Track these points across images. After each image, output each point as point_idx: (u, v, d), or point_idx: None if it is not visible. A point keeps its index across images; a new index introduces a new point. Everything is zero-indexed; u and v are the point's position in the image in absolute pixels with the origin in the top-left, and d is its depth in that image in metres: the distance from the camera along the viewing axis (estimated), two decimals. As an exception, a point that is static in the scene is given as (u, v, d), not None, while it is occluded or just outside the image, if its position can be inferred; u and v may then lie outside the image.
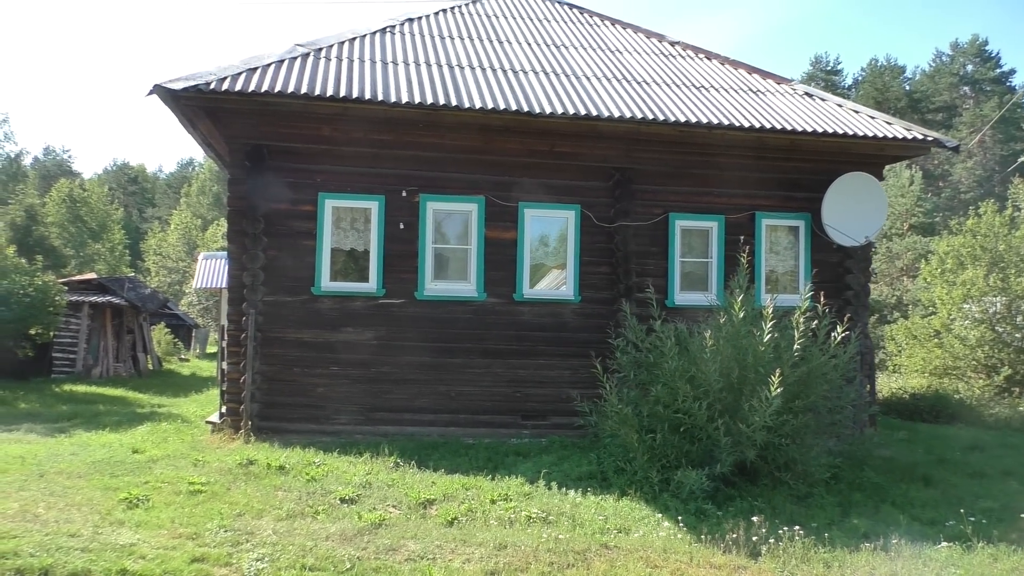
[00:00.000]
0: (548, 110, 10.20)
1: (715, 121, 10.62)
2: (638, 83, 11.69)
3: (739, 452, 7.74)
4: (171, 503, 7.16)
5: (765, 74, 12.98)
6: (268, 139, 10.29)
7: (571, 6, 15.12)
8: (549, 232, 11.22)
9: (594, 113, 10.30)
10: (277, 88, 9.65)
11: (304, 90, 9.70)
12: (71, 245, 40.03)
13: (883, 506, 7.79)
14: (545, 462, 8.95)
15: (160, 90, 9.41)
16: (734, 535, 6.33)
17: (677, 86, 11.81)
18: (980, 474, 9.81)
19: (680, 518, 6.92)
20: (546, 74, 11.49)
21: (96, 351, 19.29)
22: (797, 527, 6.47)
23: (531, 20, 13.99)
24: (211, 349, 41.05)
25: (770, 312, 7.89)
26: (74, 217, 42.68)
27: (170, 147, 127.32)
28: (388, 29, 12.39)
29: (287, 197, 10.42)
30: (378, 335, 10.59)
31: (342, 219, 10.65)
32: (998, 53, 54.34)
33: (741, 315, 8.05)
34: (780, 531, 6.42)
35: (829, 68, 59.67)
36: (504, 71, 11.37)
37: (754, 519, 6.52)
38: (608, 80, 11.62)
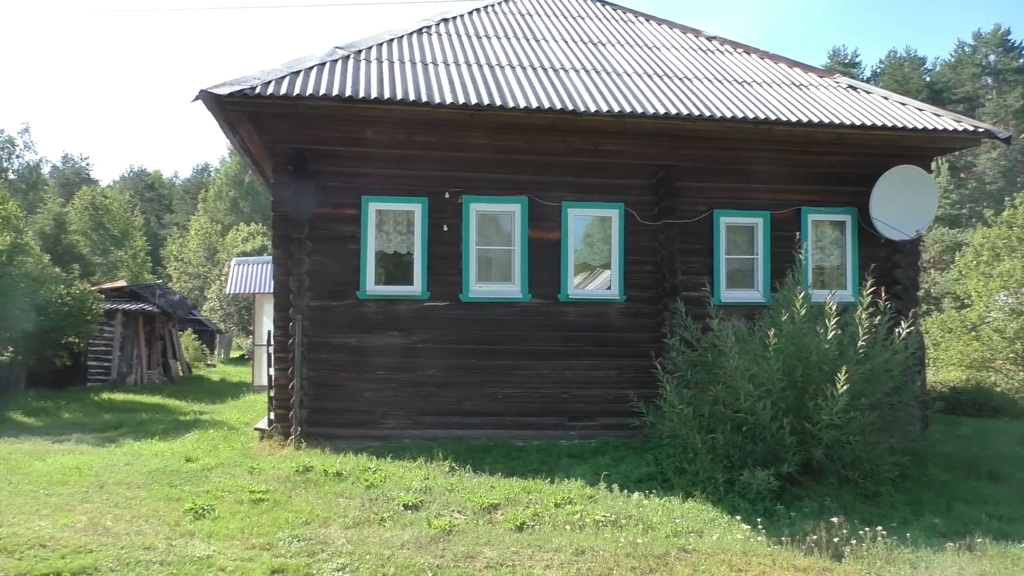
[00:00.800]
0: (592, 108, 10.08)
1: (760, 116, 10.47)
2: (679, 79, 11.56)
3: (805, 451, 7.61)
4: (236, 512, 7.11)
5: (807, 68, 12.82)
6: (310, 143, 10.24)
7: (604, 2, 15.00)
8: (593, 231, 11.10)
9: (639, 110, 10.18)
10: (321, 91, 9.59)
11: (348, 92, 9.63)
12: (96, 253, 40.24)
13: (956, 504, 7.64)
14: (602, 464, 8.85)
15: (206, 95, 9.37)
16: (814, 536, 6.20)
17: (719, 81, 11.67)
18: (1042, 469, 9.63)
19: (757, 520, 6.79)
20: (587, 71, 11.38)
21: (130, 359, 19.35)
22: (879, 527, 6.33)
23: (566, 18, 13.88)
24: (235, 354, 41.23)
25: (833, 309, 7.75)
26: (96, 224, 42.92)
27: (186, 152, 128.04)
28: (424, 30, 12.32)
29: (330, 201, 10.36)
30: (423, 338, 10.51)
31: (385, 222, 10.59)
32: (1021, 43, 53.73)
33: (803, 312, 7.91)
34: (861, 532, 6.29)
35: (847, 60, 59.19)
36: (544, 69, 11.27)
37: (834, 520, 6.38)
38: (649, 77, 11.49)
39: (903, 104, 11.68)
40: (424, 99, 9.75)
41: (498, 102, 9.90)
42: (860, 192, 11.40)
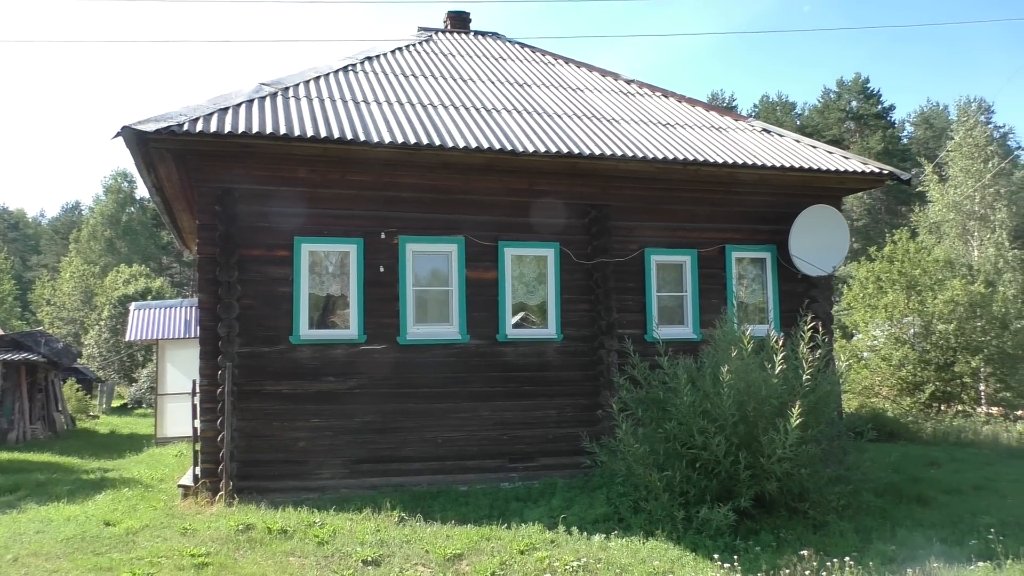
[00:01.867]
0: (530, 148, 10.15)
1: (690, 158, 10.83)
2: (607, 120, 11.83)
3: (758, 485, 7.77)
4: (180, 580, 6.57)
5: (722, 111, 13.40)
6: (240, 182, 9.81)
7: (522, 45, 15.25)
8: (527, 271, 11.11)
9: (575, 151, 10.32)
10: (254, 129, 9.23)
11: (283, 131, 9.32)
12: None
13: (898, 530, 7.95)
14: (555, 506, 8.74)
15: (129, 132, 8.84)
16: (786, 571, 6.29)
17: (645, 123, 12.01)
18: (956, 491, 10.20)
19: (729, 556, 6.83)
20: (518, 112, 11.47)
21: (10, 413, 17.77)
22: (844, 557, 6.50)
23: (488, 59, 13.99)
24: (115, 403, 38.66)
25: (780, 344, 8.01)
26: (-44, 268, 39.57)
27: (52, 190, 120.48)
28: (351, 67, 12.13)
29: (261, 242, 9.92)
30: (360, 383, 10.16)
31: (319, 263, 10.24)
32: (879, 91, 58.33)
33: (749, 348, 8.13)
34: (828, 563, 6.43)
35: (725, 104, 62.46)
36: (477, 109, 11.28)
37: (803, 552, 6.51)
38: (579, 118, 11.70)
39: (814, 147, 12.38)
40: (362, 138, 9.55)
41: (436, 141, 9.82)
42: (778, 230, 11.93)
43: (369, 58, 12.69)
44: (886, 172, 11.83)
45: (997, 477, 11.40)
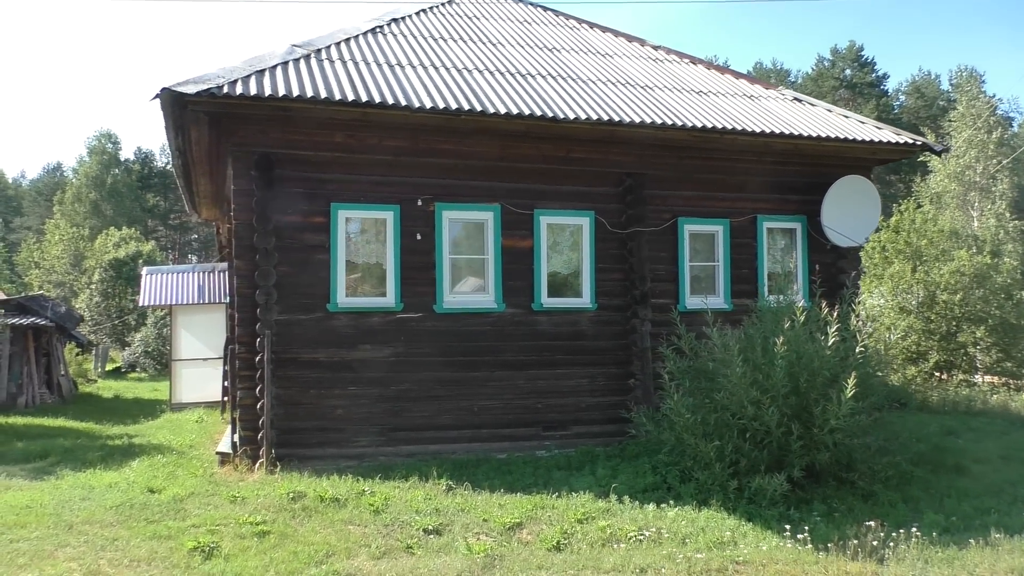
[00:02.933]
0: (571, 115, 10.01)
1: (728, 126, 10.72)
2: (641, 88, 11.68)
3: (809, 455, 7.82)
4: (246, 549, 6.56)
5: (752, 79, 13.28)
6: (277, 146, 9.61)
7: (545, 8, 14.98)
8: (561, 239, 11.03)
9: (616, 119, 10.19)
10: (295, 92, 9.02)
11: (323, 94, 9.11)
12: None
13: (946, 500, 8.05)
14: (600, 476, 8.78)
15: (168, 94, 8.61)
16: (854, 541, 6.35)
17: (679, 91, 11.87)
18: (984, 460, 10.33)
19: (787, 526, 6.88)
20: (553, 78, 11.29)
21: (18, 378, 17.57)
22: (913, 527, 6.57)
23: (515, 21, 13.74)
24: (109, 367, 38.39)
25: (834, 316, 8.03)
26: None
27: (32, 150, 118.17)
28: (378, 29, 11.87)
29: (297, 208, 9.76)
30: (396, 351, 10.09)
31: (356, 230, 10.11)
32: (873, 59, 58.15)
33: (802, 320, 8.14)
34: (894, 534, 6.50)
35: (720, 71, 61.97)
36: (512, 74, 11.09)
37: (870, 523, 6.57)
38: (612, 84, 11.54)
39: (846, 116, 12.30)
40: (403, 103, 9.36)
41: (477, 107, 9.65)
42: (808, 200, 11.90)
43: (395, 20, 12.42)
44: (919, 143, 11.80)
45: (1018, 446, 11.57)
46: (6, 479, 9.26)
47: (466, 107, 9.60)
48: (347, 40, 11.11)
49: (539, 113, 9.86)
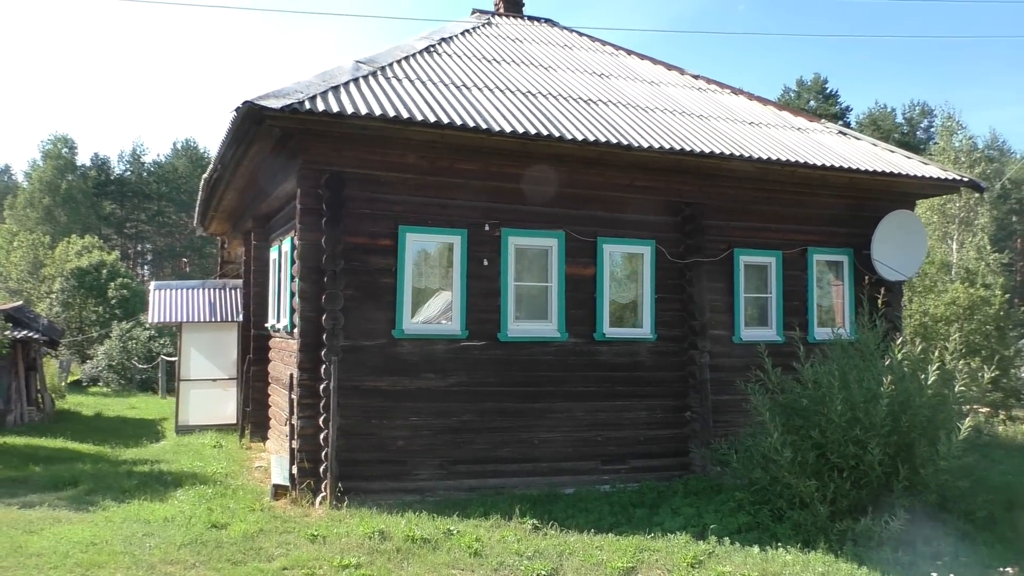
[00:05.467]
0: (644, 144, 9.87)
1: (791, 159, 10.72)
2: (697, 117, 11.62)
3: (914, 496, 7.73)
4: (358, 596, 6.15)
5: (794, 111, 13.35)
6: (349, 166, 9.24)
7: (579, 33, 14.89)
8: (619, 268, 10.84)
9: (686, 148, 10.08)
10: (376, 111, 8.69)
11: (404, 114, 8.80)
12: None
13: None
14: (688, 514, 8.55)
15: (250, 108, 8.21)
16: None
17: (732, 121, 11.85)
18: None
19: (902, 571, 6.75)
20: (615, 105, 11.16)
21: (5, 393, 16.61)
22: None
23: (555, 46, 13.60)
24: (69, 379, 36.83)
25: (935, 356, 7.99)
26: None
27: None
28: (432, 48, 11.60)
29: (364, 230, 9.40)
30: (460, 381, 9.76)
31: (423, 254, 9.77)
32: (836, 91, 59.72)
33: (900, 357, 8.09)
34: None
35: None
36: (575, 100, 10.92)
37: (1008, 569, 6.48)
38: (671, 113, 11.45)
39: (892, 151, 12.43)
40: (483, 125, 9.10)
41: (555, 133, 9.44)
42: (854, 233, 11.97)
43: (444, 39, 12.18)
44: (965, 180, 11.97)
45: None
46: (50, 510, 8.62)
47: (544, 132, 9.38)
48: (406, 58, 10.82)
49: (614, 141, 9.70)
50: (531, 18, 14.99)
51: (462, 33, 12.79)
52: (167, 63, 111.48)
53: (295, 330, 10.79)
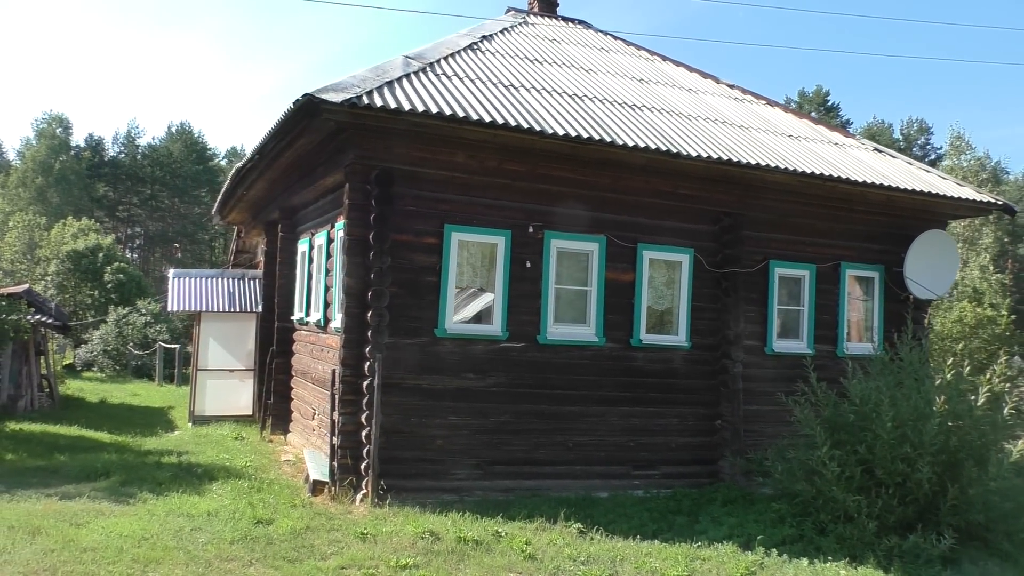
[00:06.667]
0: (692, 152, 9.88)
1: (833, 174, 10.76)
2: (739, 127, 11.64)
3: (962, 515, 7.78)
4: (423, 597, 6.11)
5: (829, 125, 13.41)
6: (400, 162, 9.19)
7: (613, 36, 14.89)
8: (656, 275, 10.84)
9: (733, 158, 10.11)
10: (433, 108, 8.64)
11: (460, 112, 8.76)
12: None
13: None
14: (731, 524, 8.56)
15: (310, 101, 8.14)
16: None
17: (773, 133, 11.89)
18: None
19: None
20: (659, 111, 11.16)
21: (16, 378, 16.41)
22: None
23: (592, 48, 13.60)
24: (65, 361, 36.46)
25: (988, 378, 8.05)
26: None
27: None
28: (475, 45, 11.57)
29: (410, 228, 9.35)
30: (498, 381, 9.74)
31: (466, 254, 9.74)
32: (838, 103, 60.14)
33: (949, 376, 8.14)
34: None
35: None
36: (620, 104, 10.92)
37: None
38: (713, 123, 11.48)
39: (927, 171, 12.52)
40: (537, 127, 9.08)
41: (607, 138, 9.43)
42: (886, 250, 12.05)
43: (486, 37, 12.14)
44: (1000, 203, 12.07)
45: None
46: (90, 502, 8.51)
47: (596, 137, 9.37)
48: (452, 55, 10.77)
49: (663, 148, 9.70)
50: (565, 19, 14.98)
51: (502, 31, 12.75)
52: (164, 43, 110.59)
53: (329, 324, 10.80)
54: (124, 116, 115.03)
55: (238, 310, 15.17)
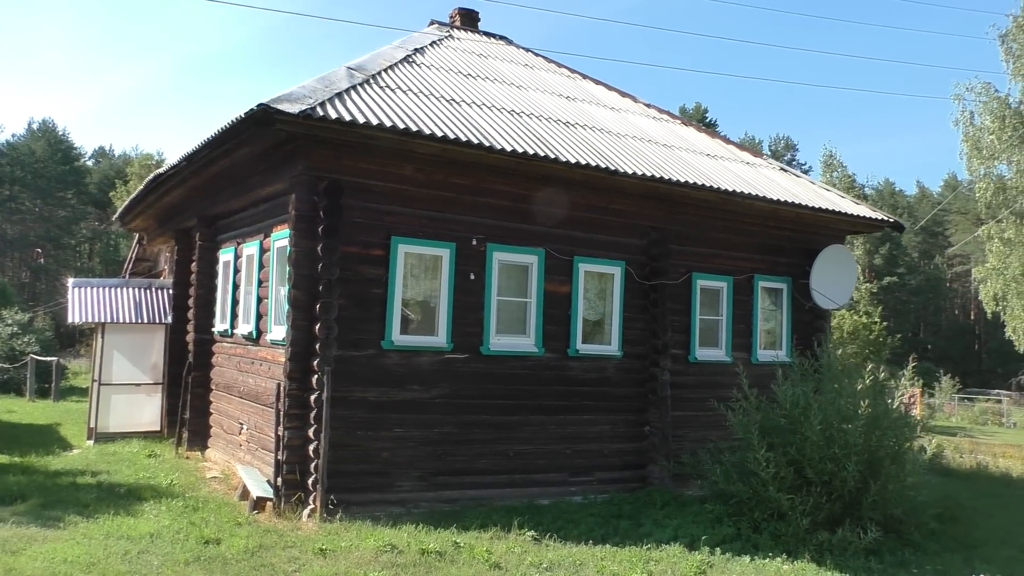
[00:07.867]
0: (628, 170, 10.32)
1: (752, 192, 11.47)
2: (665, 147, 12.21)
3: (883, 509, 8.50)
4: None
5: (739, 145, 14.22)
6: (347, 174, 9.13)
7: (534, 53, 15.24)
8: (592, 287, 11.21)
9: (665, 176, 10.61)
10: (387, 122, 8.66)
11: (414, 127, 8.81)
12: None
13: (975, 550, 9.01)
14: (675, 526, 8.97)
15: (264, 111, 7.99)
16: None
17: (694, 152, 12.53)
18: (967, 507, 11.39)
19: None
20: (593, 130, 11.56)
21: None
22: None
23: (517, 64, 13.90)
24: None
25: (903, 381, 8.84)
26: None
27: None
28: (409, 58, 11.62)
29: (357, 240, 9.30)
30: (442, 392, 9.82)
31: (412, 266, 9.76)
32: (716, 120, 63.12)
33: (868, 381, 8.88)
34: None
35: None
36: (557, 122, 11.25)
37: (981, 576, 7.28)
38: (642, 141, 11.99)
39: (827, 190, 13.51)
40: (486, 143, 9.25)
41: (551, 155, 9.72)
42: (792, 263, 12.94)
43: (418, 50, 12.21)
44: (891, 220, 13.20)
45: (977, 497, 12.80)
46: (17, 527, 7.94)
47: (541, 154, 9.63)
48: (391, 67, 10.80)
49: (603, 165, 10.08)
50: (486, 33, 15.20)
51: (431, 45, 12.84)
52: (17, 34, 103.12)
53: (263, 337, 10.56)
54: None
55: (145, 321, 14.47)
